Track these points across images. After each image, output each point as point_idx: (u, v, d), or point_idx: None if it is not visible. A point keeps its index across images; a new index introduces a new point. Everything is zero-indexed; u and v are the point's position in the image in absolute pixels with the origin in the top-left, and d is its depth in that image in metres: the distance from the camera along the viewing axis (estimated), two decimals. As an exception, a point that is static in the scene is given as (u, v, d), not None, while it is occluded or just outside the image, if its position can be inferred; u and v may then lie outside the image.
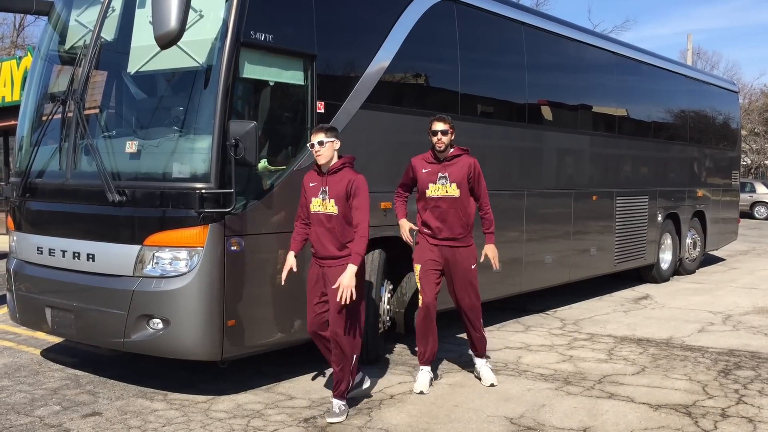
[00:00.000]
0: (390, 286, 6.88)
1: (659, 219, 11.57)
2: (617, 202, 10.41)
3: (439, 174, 5.78)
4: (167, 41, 4.92)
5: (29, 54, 14.81)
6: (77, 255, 5.76)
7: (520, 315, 9.03)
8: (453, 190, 5.77)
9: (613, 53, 10.61)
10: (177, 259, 5.32)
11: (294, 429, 4.97)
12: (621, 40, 12.17)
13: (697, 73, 14.27)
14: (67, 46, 6.45)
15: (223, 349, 5.37)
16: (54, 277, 5.94)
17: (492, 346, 7.22)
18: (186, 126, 5.53)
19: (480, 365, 6.11)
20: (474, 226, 5.95)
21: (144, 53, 5.63)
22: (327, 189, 5.17)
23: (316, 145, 5.15)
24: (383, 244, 6.54)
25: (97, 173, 5.53)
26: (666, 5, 74.99)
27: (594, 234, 10.01)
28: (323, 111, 5.97)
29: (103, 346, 6.22)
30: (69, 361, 6.51)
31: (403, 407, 5.44)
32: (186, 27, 4.92)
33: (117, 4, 5.92)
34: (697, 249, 13.18)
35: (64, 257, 5.85)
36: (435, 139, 5.77)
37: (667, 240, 12.06)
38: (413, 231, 5.91)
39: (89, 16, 6.12)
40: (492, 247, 6.01)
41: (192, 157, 5.40)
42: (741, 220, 15.89)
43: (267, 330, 5.71)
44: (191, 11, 5.01)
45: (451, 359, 6.80)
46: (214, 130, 5.22)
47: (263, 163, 5.66)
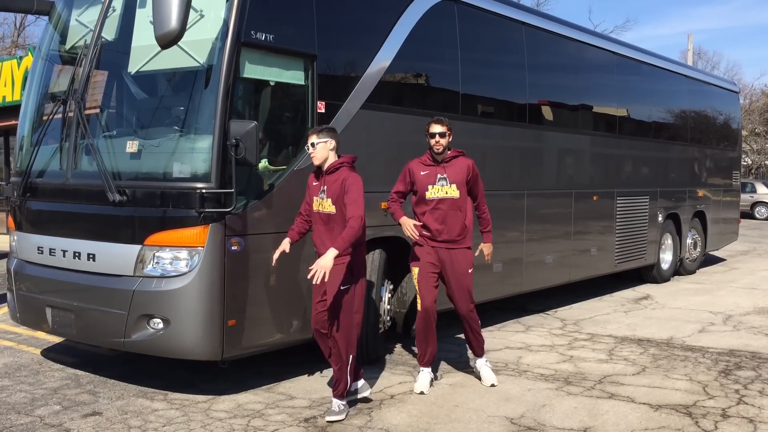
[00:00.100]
0: (390, 286, 6.88)
1: (660, 219, 11.56)
2: (618, 202, 10.41)
3: (438, 175, 5.76)
4: (168, 41, 4.92)
5: (30, 54, 14.81)
6: (78, 255, 5.76)
7: (520, 315, 9.03)
8: (453, 191, 5.76)
9: (614, 53, 10.61)
10: (177, 259, 5.32)
11: (294, 429, 4.97)
12: (621, 40, 12.18)
13: (698, 74, 14.26)
14: (68, 45, 6.45)
15: (224, 349, 5.37)
16: (54, 277, 5.94)
17: (492, 346, 7.23)
18: (186, 126, 5.53)
19: (480, 365, 6.10)
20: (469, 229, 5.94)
21: (145, 53, 5.63)
22: (325, 189, 5.21)
23: (309, 147, 5.24)
24: (383, 244, 6.54)
25: (98, 173, 5.53)
26: (666, 5, 75.06)
27: (594, 234, 10.01)
28: (324, 111, 5.97)
29: (104, 345, 6.23)
30: (69, 361, 6.51)
31: (404, 407, 5.44)
32: (187, 27, 4.92)
33: (118, 4, 5.92)
34: (698, 249, 13.18)
35: (64, 257, 5.85)
36: (433, 142, 5.76)
37: (668, 240, 12.06)
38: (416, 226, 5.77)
39: (90, 15, 6.12)
40: (489, 245, 6.05)
41: (192, 157, 5.40)
42: (741, 220, 15.89)
43: (267, 330, 5.71)
44: (192, 11, 5.01)
45: (452, 359, 6.80)
46: (214, 129, 5.23)
47: (264, 163, 5.66)
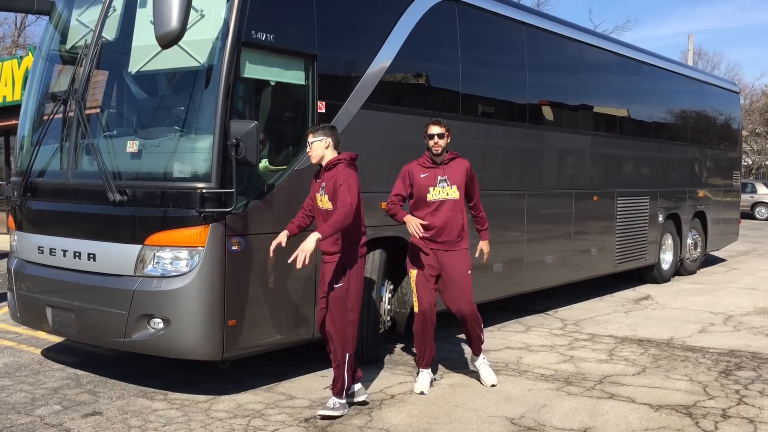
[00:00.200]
0: (390, 286, 6.88)
1: (660, 219, 11.56)
2: (618, 202, 10.41)
3: (439, 177, 5.74)
4: (168, 41, 4.92)
5: (30, 53, 14.81)
6: (78, 254, 5.76)
7: (520, 315, 9.03)
8: (453, 192, 5.75)
9: (614, 53, 10.61)
10: (178, 259, 5.32)
11: (294, 429, 4.97)
12: (622, 40, 12.17)
13: (698, 74, 14.27)
14: (69, 45, 6.45)
15: (224, 349, 5.37)
16: (55, 277, 5.94)
17: (493, 346, 7.23)
18: (187, 126, 5.53)
19: (479, 364, 6.08)
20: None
21: (145, 53, 5.63)
22: (324, 185, 5.24)
23: (307, 146, 5.31)
24: (383, 244, 6.54)
25: (98, 173, 5.53)
26: (667, 5, 75.06)
27: (595, 234, 10.01)
28: (324, 111, 5.97)
29: (104, 345, 6.23)
30: (70, 361, 6.51)
31: (404, 407, 5.44)
32: (187, 27, 4.92)
33: (118, 3, 5.92)
34: (698, 249, 13.18)
35: (65, 257, 5.85)
36: (432, 143, 5.75)
37: (668, 240, 12.05)
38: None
39: (90, 15, 6.12)
40: (487, 243, 6.06)
41: (193, 157, 5.40)
42: (742, 220, 15.89)
43: (267, 330, 5.70)
44: (192, 11, 5.01)
45: (452, 360, 6.80)
46: (215, 129, 5.22)
47: (264, 163, 5.66)
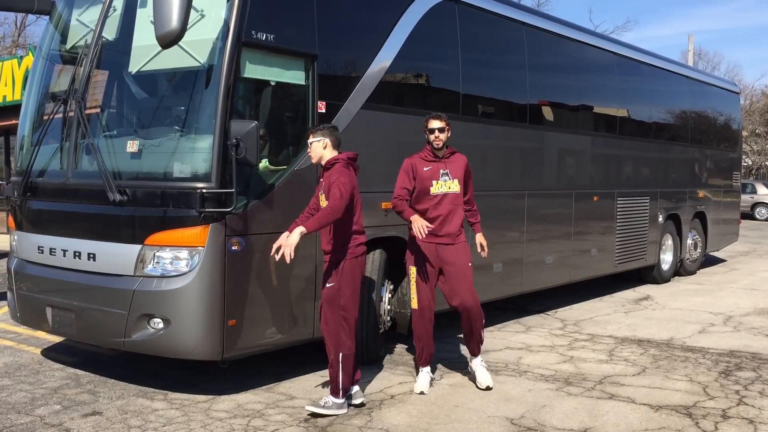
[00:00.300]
0: (390, 286, 6.87)
1: (660, 220, 11.56)
2: (618, 202, 10.41)
3: (441, 171, 5.80)
4: (168, 41, 4.92)
5: (30, 53, 14.82)
6: (78, 254, 5.76)
7: (520, 315, 9.03)
8: (455, 185, 5.82)
9: (614, 54, 10.61)
10: (178, 259, 5.32)
11: (294, 429, 4.97)
12: (622, 40, 12.17)
13: (699, 74, 14.26)
14: (69, 45, 6.45)
15: (224, 349, 5.37)
16: (55, 277, 5.94)
17: (493, 346, 7.23)
18: (187, 126, 5.53)
19: (476, 365, 6.01)
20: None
21: (145, 53, 5.63)
22: (323, 185, 5.27)
23: (308, 146, 5.38)
24: (383, 244, 6.54)
25: (98, 173, 5.53)
26: (667, 6, 75.11)
27: (595, 234, 10.01)
28: (324, 111, 5.98)
29: (104, 345, 6.22)
30: (69, 361, 6.51)
31: (404, 407, 5.44)
32: (187, 27, 4.92)
33: (118, 3, 5.92)
34: (698, 250, 13.18)
35: (65, 257, 5.85)
36: (432, 137, 5.78)
37: (668, 241, 12.05)
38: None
39: (90, 15, 6.12)
40: (482, 236, 6.06)
41: (193, 157, 5.40)
42: (742, 221, 15.89)
43: (267, 330, 5.70)
44: (192, 11, 5.01)
45: (452, 360, 6.80)
46: (215, 129, 5.22)
47: (264, 163, 5.66)
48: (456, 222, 5.82)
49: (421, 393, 5.74)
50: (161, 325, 5.35)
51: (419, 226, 5.47)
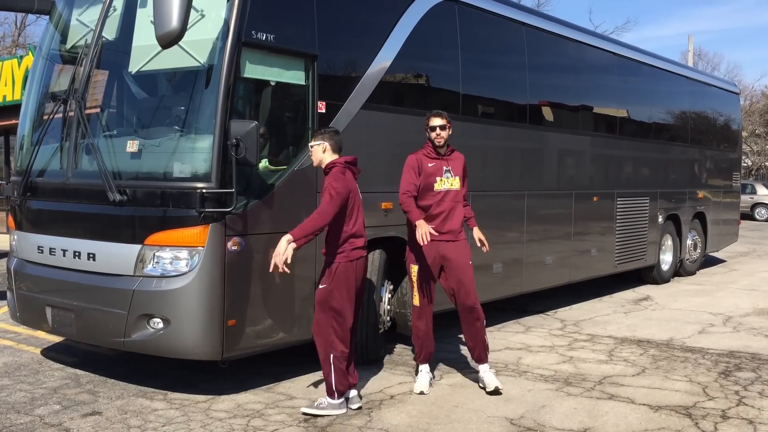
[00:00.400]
0: (390, 286, 6.87)
1: (660, 220, 11.56)
2: (618, 203, 10.41)
3: (444, 168, 5.83)
4: (169, 41, 4.92)
5: (30, 53, 14.82)
6: (78, 254, 5.76)
7: (520, 316, 9.03)
8: (456, 183, 5.86)
9: (614, 54, 10.61)
10: (177, 259, 5.32)
11: (294, 429, 4.97)
12: (622, 41, 12.17)
13: (698, 75, 14.26)
14: (69, 45, 6.45)
15: (224, 349, 5.37)
16: (54, 277, 5.94)
17: (493, 346, 7.20)
18: (187, 125, 5.53)
19: (483, 371, 5.92)
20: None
21: (145, 53, 5.63)
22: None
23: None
24: (383, 244, 6.54)
25: (98, 172, 5.53)
26: (667, 6, 75.11)
27: (595, 235, 10.01)
28: (324, 111, 5.98)
29: (104, 345, 6.22)
30: (69, 361, 6.51)
31: (403, 407, 5.44)
32: (187, 27, 4.92)
33: (118, 3, 5.92)
34: (698, 250, 13.18)
35: (64, 256, 5.85)
36: (434, 135, 5.80)
37: (668, 241, 12.06)
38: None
39: (90, 15, 6.12)
40: (479, 230, 6.02)
41: (193, 157, 5.40)
42: (741, 221, 15.89)
43: (267, 330, 5.70)
44: (192, 11, 5.01)
45: (451, 360, 6.80)
46: (215, 129, 5.23)
47: (264, 163, 5.66)
48: (458, 219, 5.85)
49: (421, 393, 5.74)
50: (161, 325, 5.35)
51: (423, 232, 5.44)
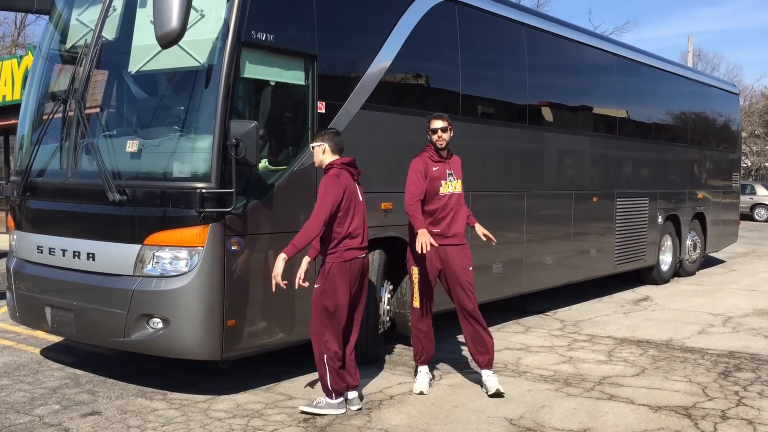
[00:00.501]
0: (390, 286, 6.87)
1: (659, 220, 11.57)
2: (617, 203, 10.41)
3: (447, 171, 5.82)
4: (168, 41, 4.92)
5: (30, 53, 14.82)
6: (77, 254, 5.76)
7: (520, 316, 9.03)
8: (459, 186, 5.86)
9: (614, 54, 10.61)
10: (177, 259, 5.32)
11: (293, 429, 4.97)
12: (621, 41, 12.18)
13: (698, 75, 14.27)
14: (68, 45, 6.45)
15: (223, 349, 5.37)
16: (54, 276, 5.94)
17: (492, 347, 7.23)
18: (187, 125, 5.53)
19: (486, 375, 5.86)
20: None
21: (145, 53, 5.63)
22: None
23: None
24: (383, 244, 6.54)
25: (98, 172, 5.53)
26: (667, 7, 75.16)
27: (594, 235, 10.01)
28: (324, 111, 5.98)
29: (103, 345, 6.22)
30: (69, 360, 6.51)
31: (403, 408, 5.44)
32: (187, 27, 4.92)
33: (118, 3, 5.92)
34: (697, 251, 13.19)
35: (64, 256, 5.85)
36: (435, 137, 5.78)
37: (667, 241, 12.06)
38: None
39: (90, 15, 6.12)
40: (480, 225, 5.98)
41: (193, 157, 5.40)
42: (741, 222, 15.89)
43: (267, 330, 5.70)
44: (192, 11, 5.01)
45: (451, 360, 6.79)
46: (214, 129, 5.22)
47: (264, 163, 5.66)
48: (462, 221, 5.86)
49: (421, 393, 5.74)
50: (160, 325, 5.35)
51: (423, 241, 5.43)
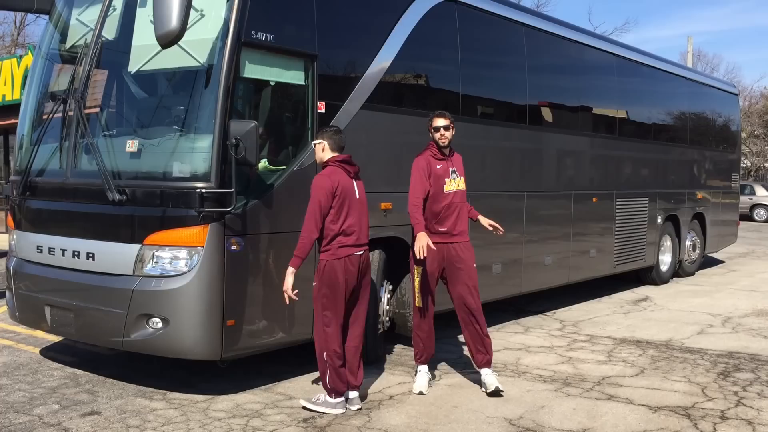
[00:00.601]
0: (390, 286, 6.87)
1: (659, 221, 11.57)
2: (617, 203, 10.42)
3: (450, 169, 5.82)
4: (168, 40, 4.92)
5: (30, 53, 14.81)
6: (77, 254, 5.76)
7: (519, 316, 9.03)
8: (462, 183, 5.87)
9: (614, 55, 10.62)
10: (177, 259, 5.32)
11: (293, 429, 4.97)
12: (621, 41, 12.18)
13: (698, 75, 14.28)
14: (68, 44, 6.45)
15: (223, 349, 5.37)
16: (54, 276, 5.94)
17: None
18: (186, 125, 5.53)
19: (485, 374, 5.88)
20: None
21: (145, 52, 5.63)
22: None
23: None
24: (383, 244, 6.54)
25: (98, 172, 5.53)
26: (666, 7, 75.17)
27: (594, 235, 10.01)
28: (324, 111, 5.98)
29: (103, 345, 6.22)
30: (68, 360, 6.51)
31: (402, 408, 5.44)
32: (187, 26, 4.92)
33: (118, 3, 5.93)
34: (697, 251, 13.19)
35: (63, 256, 5.85)
36: (438, 135, 5.77)
37: (667, 242, 12.06)
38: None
39: (90, 15, 6.12)
40: (484, 217, 6.02)
41: (192, 157, 5.40)
42: (740, 222, 15.90)
43: (266, 330, 5.70)
44: (192, 11, 5.01)
45: (451, 360, 6.80)
46: (214, 129, 5.23)
47: (263, 163, 5.66)
48: (466, 218, 5.88)
49: (420, 393, 5.74)
50: (160, 325, 5.35)
51: (422, 246, 5.44)
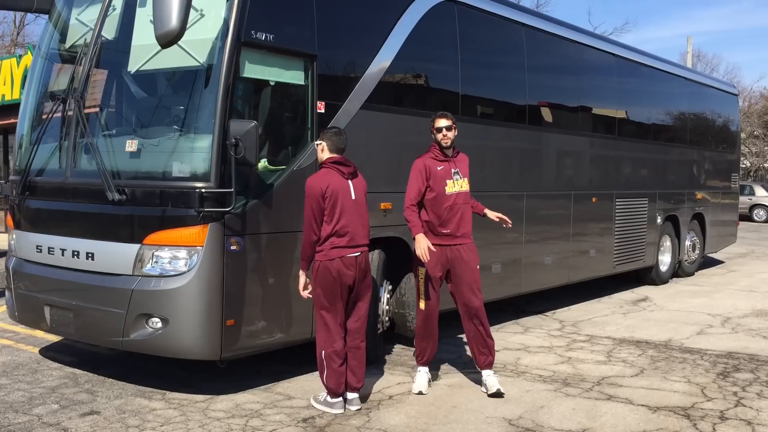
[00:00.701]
0: (389, 286, 6.87)
1: (658, 221, 11.57)
2: (617, 203, 10.42)
3: (453, 170, 5.78)
4: (168, 40, 4.92)
5: (29, 52, 14.81)
6: (77, 254, 5.75)
7: (519, 316, 9.03)
8: (465, 184, 5.82)
9: (613, 55, 10.62)
10: (176, 258, 5.32)
11: (292, 429, 4.97)
12: (621, 42, 12.18)
13: (697, 76, 14.28)
14: (68, 44, 6.45)
15: (222, 349, 5.37)
16: (53, 276, 5.94)
17: (491, 347, 7.23)
18: (186, 125, 5.53)
19: (486, 375, 5.86)
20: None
21: (145, 52, 5.63)
22: None
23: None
24: (383, 244, 6.53)
25: (97, 172, 5.53)
26: (666, 7, 75.15)
27: (593, 236, 10.02)
28: (323, 111, 5.98)
29: (102, 344, 6.22)
30: (68, 360, 6.51)
31: (402, 408, 5.44)
32: (187, 26, 4.92)
33: (118, 2, 5.92)
34: (696, 251, 13.19)
35: (63, 256, 5.85)
36: (440, 136, 5.75)
37: (666, 242, 12.06)
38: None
39: (90, 14, 6.12)
40: (491, 211, 6.06)
41: (192, 157, 5.40)
42: (740, 222, 15.90)
43: (266, 330, 5.70)
44: (192, 10, 5.01)
45: (450, 360, 6.79)
46: (214, 129, 5.23)
47: (263, 163, 5.66)
48: (469, 220, 5.84)
49: (420, 393, 5.74)
50: (159, 325, 5.35)
51: (423, 250, 5.44)
